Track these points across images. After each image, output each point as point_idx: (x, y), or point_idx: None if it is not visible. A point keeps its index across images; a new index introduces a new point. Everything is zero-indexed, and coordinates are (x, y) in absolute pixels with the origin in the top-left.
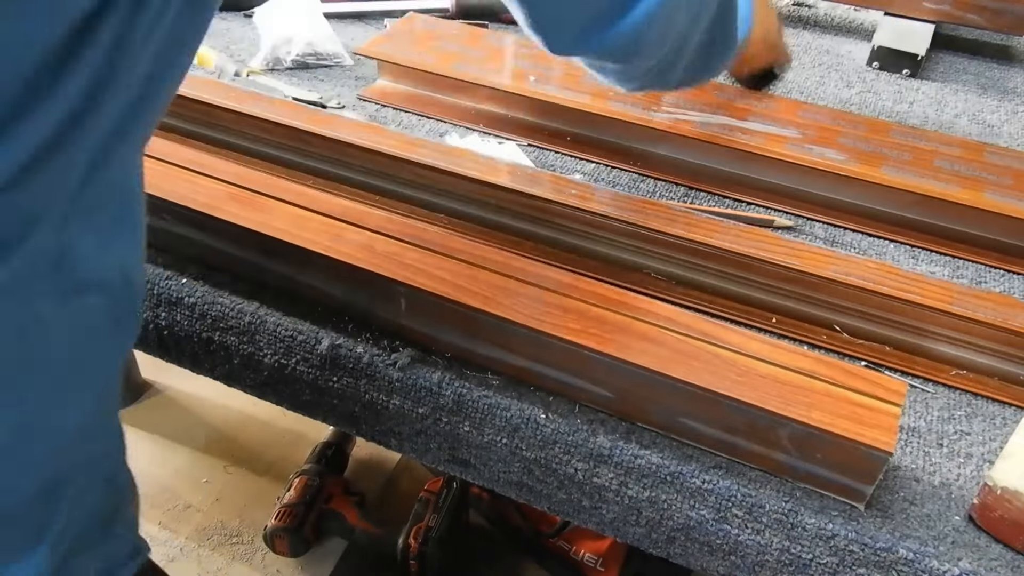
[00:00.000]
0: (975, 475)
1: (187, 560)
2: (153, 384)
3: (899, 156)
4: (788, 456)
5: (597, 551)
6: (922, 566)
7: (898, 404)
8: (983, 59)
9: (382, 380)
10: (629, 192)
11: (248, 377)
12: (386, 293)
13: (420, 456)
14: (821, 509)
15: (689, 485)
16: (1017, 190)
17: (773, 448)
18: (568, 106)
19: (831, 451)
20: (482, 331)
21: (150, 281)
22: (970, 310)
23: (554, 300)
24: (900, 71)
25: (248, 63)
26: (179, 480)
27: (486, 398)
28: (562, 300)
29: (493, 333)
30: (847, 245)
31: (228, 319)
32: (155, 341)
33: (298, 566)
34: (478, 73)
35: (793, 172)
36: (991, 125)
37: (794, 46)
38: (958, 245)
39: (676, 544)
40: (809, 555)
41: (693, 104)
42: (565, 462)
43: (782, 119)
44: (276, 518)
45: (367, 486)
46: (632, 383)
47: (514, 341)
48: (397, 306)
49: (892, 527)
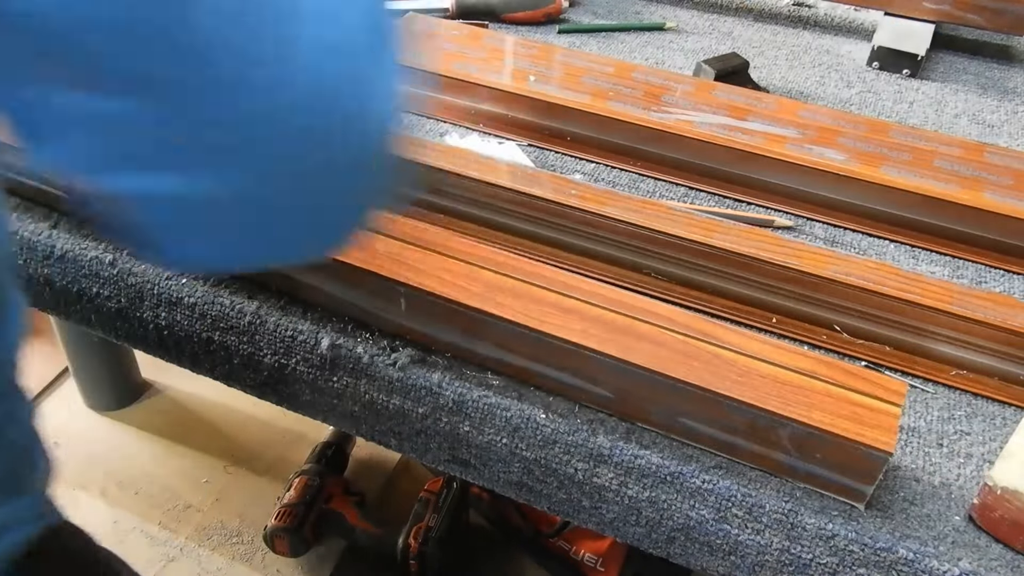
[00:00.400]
0: (975, 475)
1: (187, 560)
2: (153, 384)
3: (899, 156)
4: (788, 456)
5: (597, 551)
6: (922, 566)
7: (898, 404)
8: (983, 59)
9: (382, 380)
10: (629, 192)
11: (248, 377)
12: (386, 293)
13: (420, 456)
14: (821, 509)
15: (689, 485)
16: (1017, 190)
17: (773, 448)
18: (568, 106)
19: (831, 451)
20: (482, 331)
21: (150, 281)
22: (970, 310)
23: (554, 300)
24: (900, 71)
25: None
26: (179, 480)
27: (486, 398)
28: (562, 300)
29: (493, 333)
30: (847, 245)
31: (228, 319)
32: (155, 341)
33: (298, 566)
34: (478, 73)
35: (793, 172)
36: (991, 125)
37: (794, 46)
38: (958, 245)
39: (676, 544)
40: (809, 555)
41: (693, 104)
42: (565, 462)
43: (782, 119)
44: (276, 518)
45: (367, 486)
46: (632, 383)
47: (514, 341)
48: (397, 306)
49: (892, 527)
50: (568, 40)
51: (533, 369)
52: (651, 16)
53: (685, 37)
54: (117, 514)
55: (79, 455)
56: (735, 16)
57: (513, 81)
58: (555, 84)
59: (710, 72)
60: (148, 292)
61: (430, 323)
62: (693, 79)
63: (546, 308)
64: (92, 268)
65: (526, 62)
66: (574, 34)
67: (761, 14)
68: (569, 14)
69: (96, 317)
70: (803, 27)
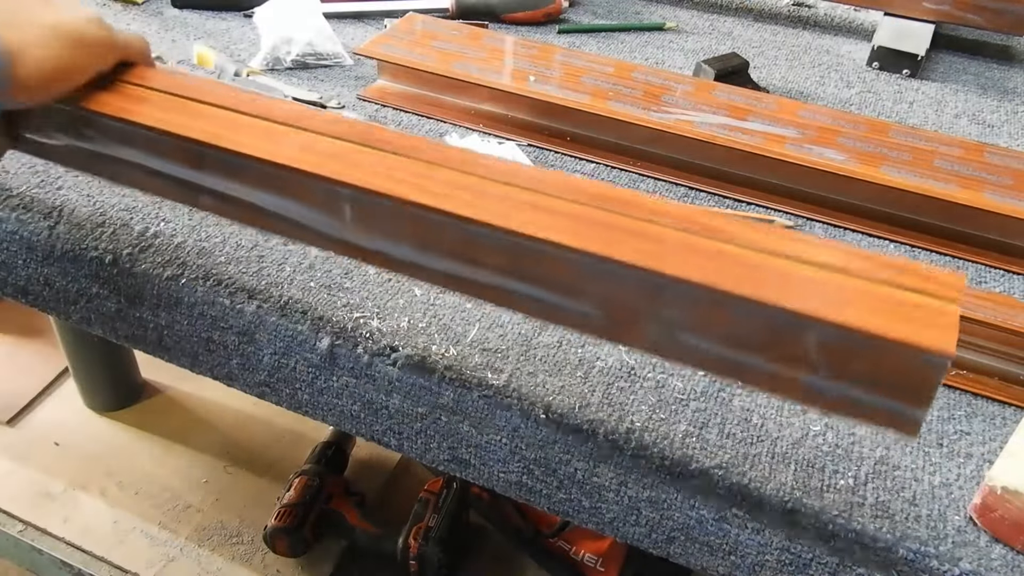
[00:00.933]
0: (975, 475)
1: (187, 560)
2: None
3: (899, 156)
4: (815, 376)
5: (597, 551)
6: (922, 566)
7: (955, 300)
8: (983, 59)
9: (382, 380)
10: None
11: (247, 377)
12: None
13: (420, 456)
14: (821, 509)
15: (689, 485)
16: (1017, 190)
17: (795, 365)
18: (568, 106)
19: (873, 361)
20: (441, 238)
21: (150, 281)
22: (970, 310)
23: (527, 198)
24: (900, 71)
25: (248, 63)
26: (179, 480)
27: (486, 398)
28: (537, 198)
29: (458, 242)
30: None
31: (227, 319)
32: (155, 341)
33: (298, 566)
34: (478, 73)
35: (793, 172)
36: (991, 125)
37: (794, 46)
38: (958, 245)
39: (676, 544)
40: (809, 555)
41: (693, 104)
42: (565, 462)
43: (782, 119)
44: (276, 518)
45: (367, 486)
46: (621, 291)
47: (483, 250)
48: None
49: (892, 527)
50: (568, 40)
51: (507, 287)
52: (651, 16)
53: (685, 37)
54: (117, 514)
55: (79, 455)
56: (735, 16)
57: (513, 81)
58: (555, 84)
59: (710, 72)
60: (148, 292)
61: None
62: (693, 79)
63: (518, 206)
64: (92, 268)
65: (526, 62)
66: (574, 34)
67: (761, 14)
68: (569, 14)
69: (96, 317)
70: (803, 27)
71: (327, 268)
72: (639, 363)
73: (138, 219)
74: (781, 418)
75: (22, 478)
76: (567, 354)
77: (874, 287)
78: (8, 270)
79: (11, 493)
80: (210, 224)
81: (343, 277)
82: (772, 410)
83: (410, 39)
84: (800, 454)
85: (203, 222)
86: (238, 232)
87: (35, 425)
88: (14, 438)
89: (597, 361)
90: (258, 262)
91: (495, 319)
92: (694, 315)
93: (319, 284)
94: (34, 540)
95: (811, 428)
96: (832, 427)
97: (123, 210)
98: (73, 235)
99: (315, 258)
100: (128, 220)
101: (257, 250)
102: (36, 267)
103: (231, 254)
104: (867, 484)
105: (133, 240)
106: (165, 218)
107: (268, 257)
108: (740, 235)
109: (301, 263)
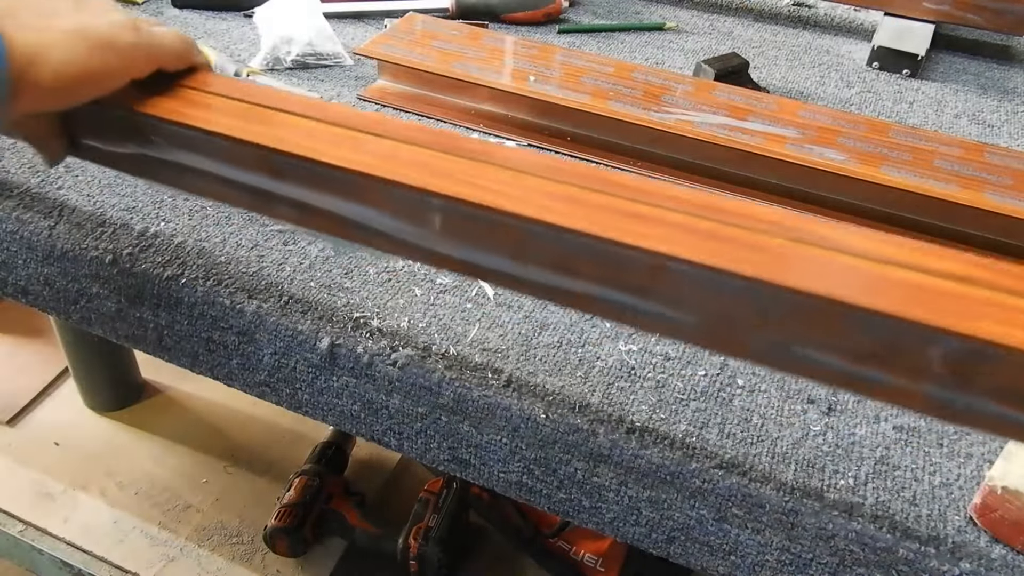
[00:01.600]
0: (975, 475)
1: (187, 560)
2: (153, 384)
3: (899, 156)
4: (942, 388)
5: (597, 551)
6: (922, 566)
7: None
8: (983, 59)
9: (382, 380)
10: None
11: (247, 377)
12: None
13: (420, 456)
14: (821, 509)
15: (689, 485)
16: (1017, 190)
17: (919, 378)
18: (568, 106)
19: (1005, 374)
20: (533, 249)
21: (150, 281)
22: None
23: (626, 207)
24: (900, 71)
25: (248, 63)
26: (179, 480)
27: (486, 398)
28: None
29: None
30: None
31: (227, 319)
32: (155, 341)
33: (298, 566)
34: (478, 73)
35: (793, 172)
36: (991, 125)
37: (794, 46)
38: (958, 245)
39: (676, 544)
40: (809, 555)
41: (693, 104)
42: (565, 462)
43: (782, 119)
44: (276, 518)
45: (367, 486)
46: (725, 302)
47: (577, 260)
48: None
49: (892, 527)
50: (568, 40)
51: (600, 295)
52: (651, 16)
53: (685, 37)
54: (117, 514)
55: (79, 455)
56: (735, 16)
57: (513, 81)
58: (555, 84)
59: (710, 72)
60: (148, 292)
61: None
62: (693, 79)
63: (619, 216)
64: (92, 268)
65: (526, 62)
66: (574, 34)
67: (761, 14)
68: (569, 14)
69: (96, 317)
70: (803, 27)
71: (327, 268)
72: (639, 363)
73: (138, 219)
74: (781, 418)
75: (22, 478)
76: (567, 354)
77: (998, 297)
78: (8, 270)
79: (11, 493)
80: (210, 224)
81: (343, 277)
82: (772, 410)
83: (410, 39)
84: (800, 454)
85: (203, 222)
86: (238, 232)
87: (35, 425)
88: (14, 438)
89: (597, 361)
90: (258, 262)
91: (495, 319)
92: (809, 327)
93: (319, 284)
94: (34, 540)
95: (811, 428)
96: (832, 427)
97: (123, 210)
98: (73, 235)
99: (315, 258)
100: (128, 220)
101: (257, 250)
102: (36, 267)
103: (231, 254)
104: (867, 484)
105: (133, 240)
106: (165, 218)
107: (268, 257)
108: (849, 243)
109: (301, 263)
